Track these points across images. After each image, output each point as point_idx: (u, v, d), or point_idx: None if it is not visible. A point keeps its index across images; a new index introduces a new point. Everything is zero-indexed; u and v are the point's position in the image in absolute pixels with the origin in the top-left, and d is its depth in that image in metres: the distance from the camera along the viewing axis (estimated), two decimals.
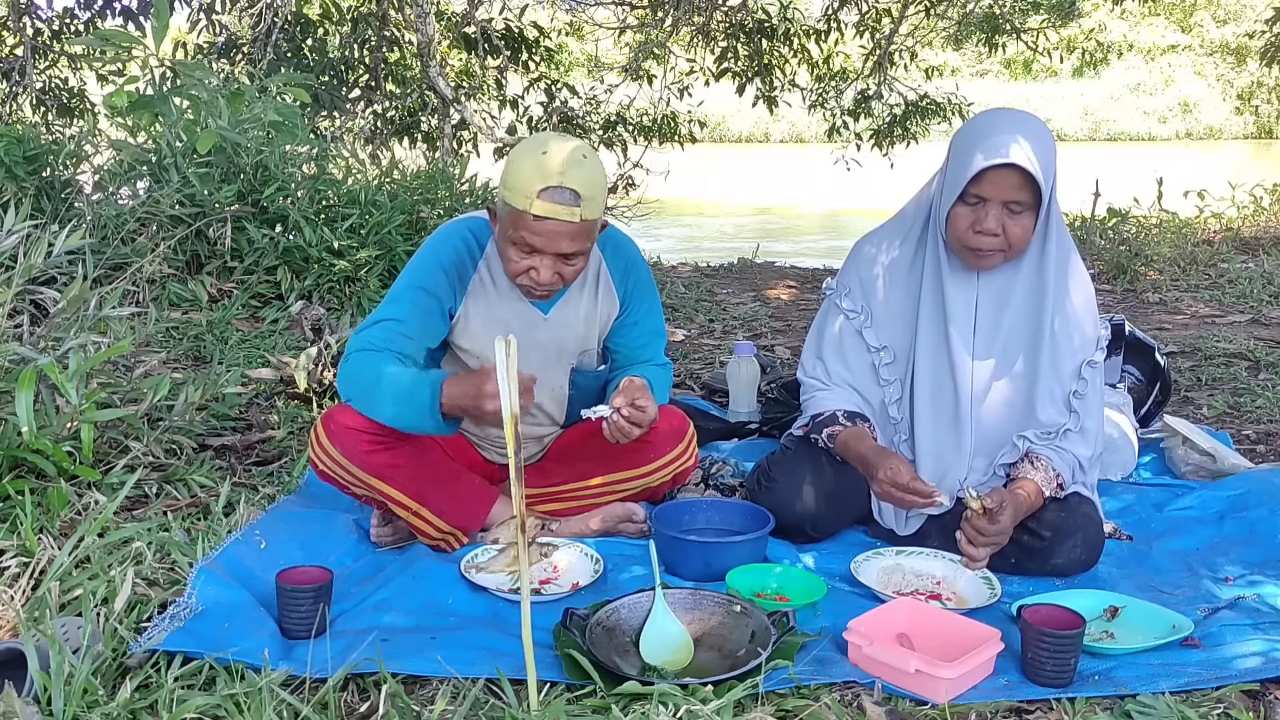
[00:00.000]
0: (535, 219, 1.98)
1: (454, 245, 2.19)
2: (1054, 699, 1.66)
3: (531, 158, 1.99)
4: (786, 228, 12.84)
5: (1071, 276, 2.20)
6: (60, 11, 7.89)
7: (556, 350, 2.28)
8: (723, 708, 1.54)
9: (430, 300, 2.16)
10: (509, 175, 2.02)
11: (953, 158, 2.12)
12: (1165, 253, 6.31)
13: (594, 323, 2.30)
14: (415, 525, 2.19)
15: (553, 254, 2.03)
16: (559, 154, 1.99)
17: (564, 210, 1.97)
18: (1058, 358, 2.18)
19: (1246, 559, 2.26)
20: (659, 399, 2.25)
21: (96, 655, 1.61)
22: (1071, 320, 2.19)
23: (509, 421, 1.52)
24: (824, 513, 2.29)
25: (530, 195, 1.97)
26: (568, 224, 1.99)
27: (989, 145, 2.02)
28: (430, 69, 6.82)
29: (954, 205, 2.09)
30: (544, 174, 1.97)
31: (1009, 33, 9.51)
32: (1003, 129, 2.03)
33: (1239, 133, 29.54)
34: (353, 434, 2.14)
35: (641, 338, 2.36)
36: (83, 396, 2.35)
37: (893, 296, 2.28)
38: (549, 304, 2.24)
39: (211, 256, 4.33)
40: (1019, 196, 2.04)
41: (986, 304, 2.20)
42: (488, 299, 2.21)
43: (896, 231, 2.30)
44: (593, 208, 2.01)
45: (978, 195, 2.05)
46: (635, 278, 2.33)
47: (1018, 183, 2.02)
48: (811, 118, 10.92)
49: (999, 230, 2.06)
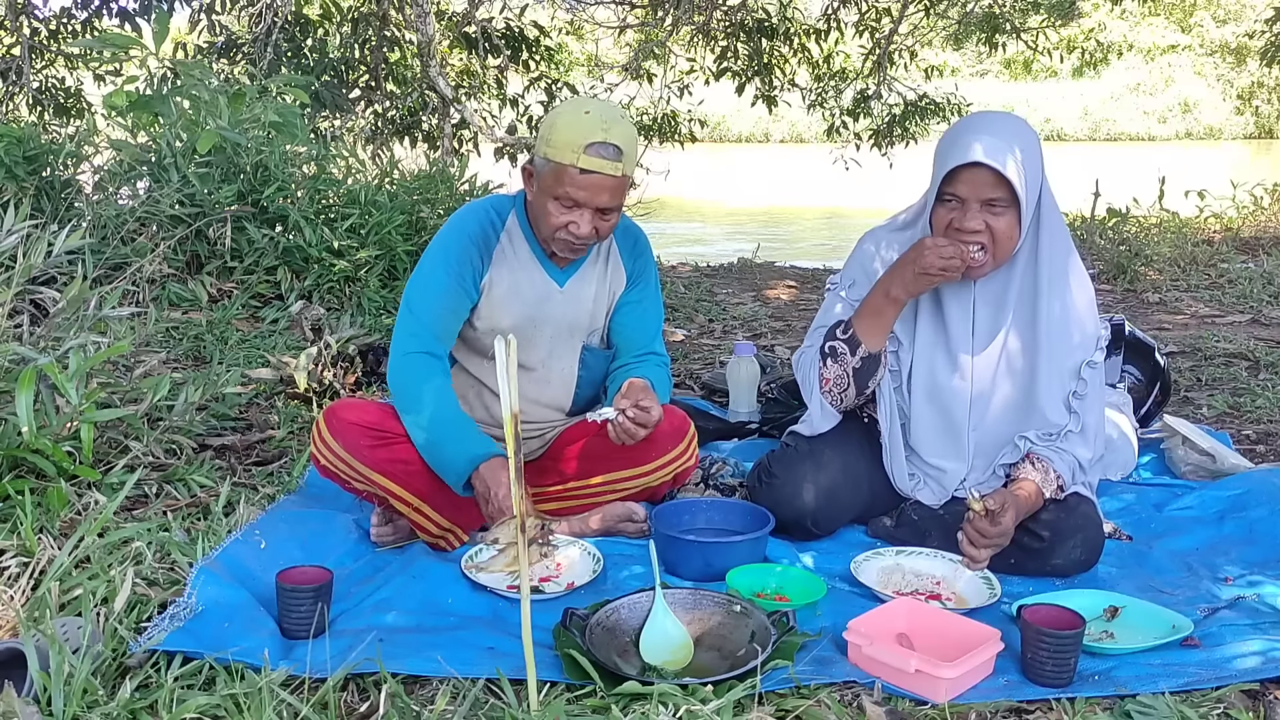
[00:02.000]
0: (581, 173, 2.09)
1: (478, 218, 2.29)
2: (1054, 699, 1.66)
3: (575, 116, 2.11)
4: (786, 227, 12.84)
5: (1070, 276, 2.21)
6: (57, 11, 7.89)
7: (569, 326, 2.33)
8: (723, 708, 1.54)
9: (462, 272, 2.24)
10: (554, 134, 2.11)
11: (934, 161, 2.17)
12: (1165, 253, 6.31)
13: (603, 299, 2.36)
14: (415, 522, 2.19)
15: (593, 208, 2.13)
16: (602, 112, 2.12)
17: (608, 165, 2.09)
18: (1056, 357, 2.19)
19: (1246, 559, 2.26)
20: (661, 398, 2.27)
21: (96, 655, 1.61)
22: (1070, 319, 2.19)
23: (509, 421, 1.52)
24: (825, 509, 2.29)
25: (578, 150, 2.07)
26: (610, 178, 2.10)
27: (959, 145, 2.07)
28: (430, 69, 6.82)
29: (934, 206, 2.13)
30: (589, 130, 2.08)
31: (1009, 32, 9.50)
32: (975, 129, 2.08)
33: (1239, 133, 29.56)
34: (355, 429, 2.16)
35: (643, 320, 2.39)
36: (83, 396, 2.35)
37: None
38: (565, 275, 2.30)
39: (211, 256, 4.33)
40: (995, 194, 2.07)
41: (984, 306, 2.21)
42: (510, 268, 2.28)
43: (898, 232, 2.32)
44: (630, 164, 2.13)
45: (953, 194, 2.10)
46: (642, 256, 2.41)
47: (991, 180, 2.05)
48: (811, 117, 10.92)
49: (981, 227, 2.09)
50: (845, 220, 12.89)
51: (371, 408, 2.25)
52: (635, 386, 2.20)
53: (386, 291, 4.37)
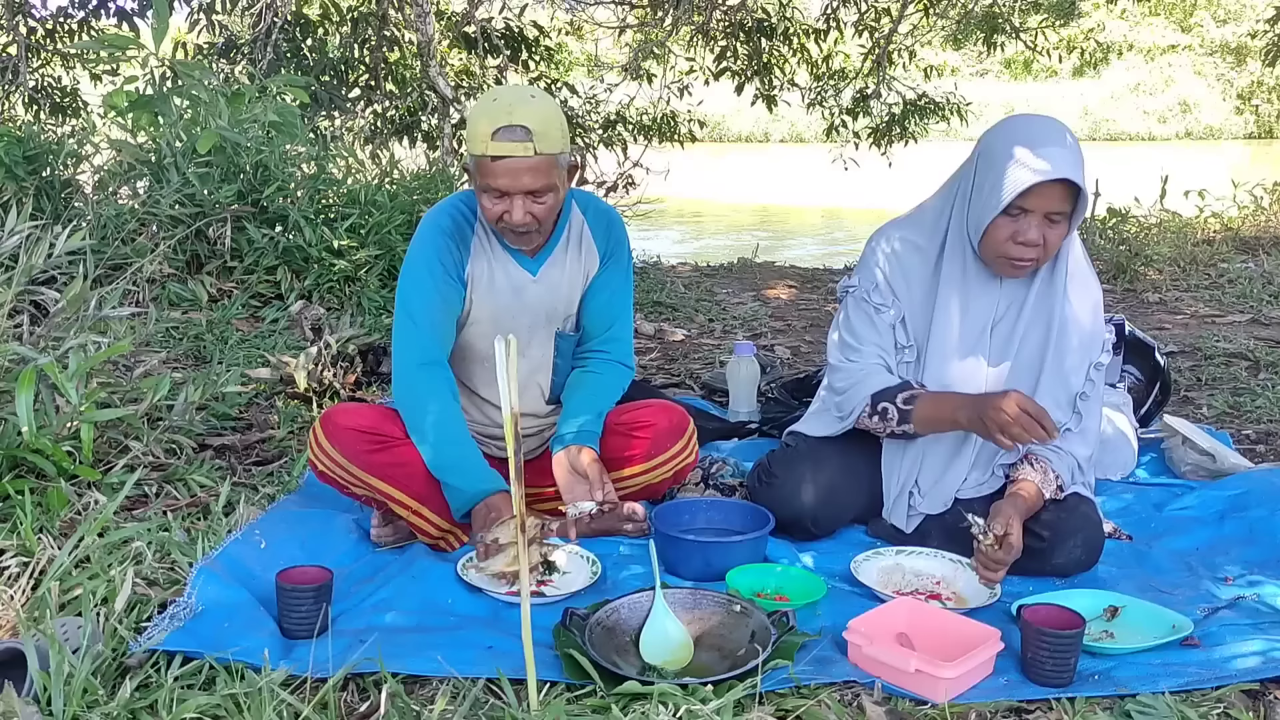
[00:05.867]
0: (493, 160, 2.07)
1: (449, 212, 2.29)
2: (1054, 699, 1.66)
3: (484, 106, 2.10)
4: (786, 227, 12.84)
5: (1085, 279, 2.21)
6: (54, 10, 7.89)
7: (546, 314, 2.33)
8: (723, 708, 1.54)
9: (445, 265, 2.24)
10: (468, 131, 2.13)
11: (990, 168, 2.09)
12: (1165, 253, 6.31)
13: (578, 282, 2.35)
14: (415, 524, 2.19)
15: (520, 193, 2.11)
16: (509, 96, 2.11)
17: (518, 146, 2.06)
18: (1066, 359, 2.18)
19: (1246, 559, 2.26)
20: (609, 403, 2.32)
21: (96, 655, 1.61)
22: (1082, 322, 2.19)
23: (509, 421, 1.52)
24: (824, 509, 2.29)
25: (485, 138, 2.06)
26: (524, 159, 2.07)
27: (1038, 159, 2.00)
28: (430, 69, 6.81)
29: (995, 217, 2.07)
30: (495, 116, 2.06)
31: (1008, 32, 9.49)
32: (1047, 140, 2.03)
33: (1239, 133, 29.53)
34: (352, 434, 2.15)
35: (611, 301, 2.37)
36: (83, 396, 2.35)
37: (913, 294, 2.25)
38: (537, 264, 2.30)
39: (211, 256, 4.33)
40: (1062, 208, 2.04)
41: (1006, 311, 2.20)
42: (486, 260, 2.29)
43: (917, 231, 2.26)
44: (547, 142, 2.08)
45: (1022, 207, 2.04)
46: (615, 237, 2.39)
47: (1063, 195, 2.02)
48: (811, 117, 10.89)
49: (1040, 240, 2.06)
50: (845, 220, 12.88)
51: (368, 411, 2.25)
52: (592, 472, 2.17)
53: (386, 291, 4.37)
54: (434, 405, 2.17)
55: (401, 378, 2.23)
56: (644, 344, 4.32)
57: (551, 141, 2.09)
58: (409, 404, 2.20)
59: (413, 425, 2.19)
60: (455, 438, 2.16)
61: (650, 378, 3.81)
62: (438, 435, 2.15)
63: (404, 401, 2.22)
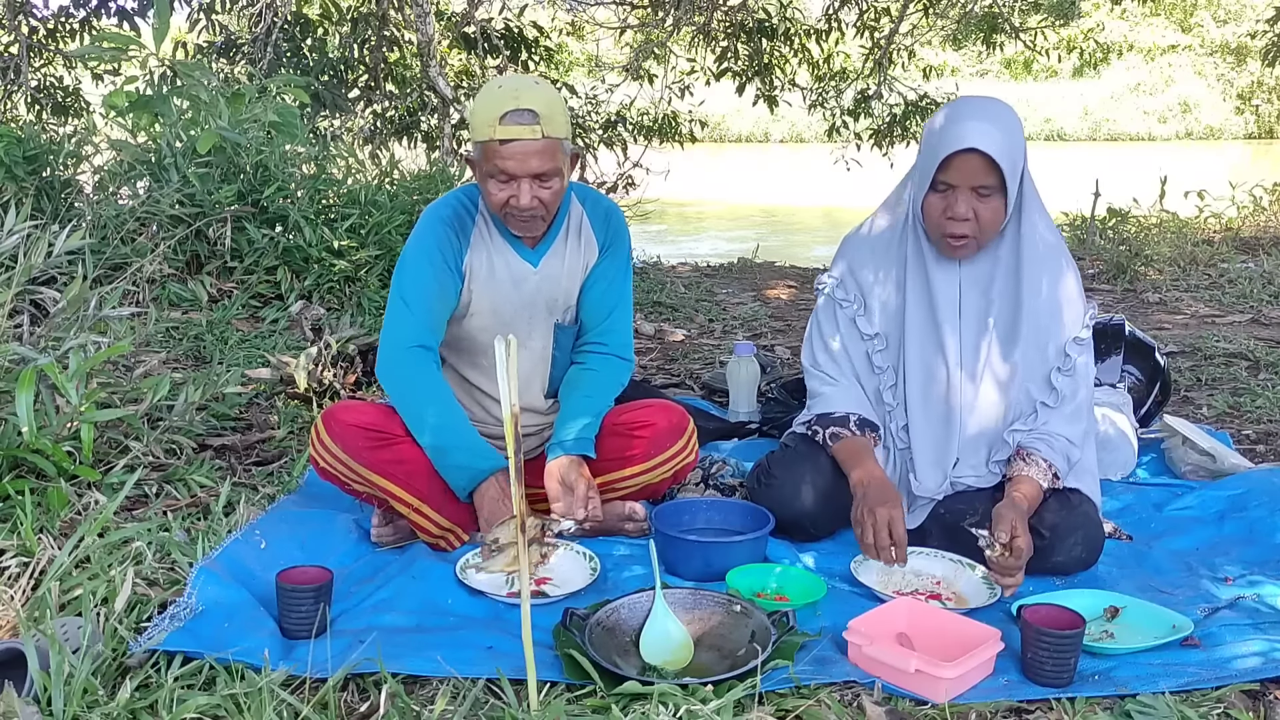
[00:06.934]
0: (501, 143, 2.09)
1: (450, 204, 2.31)
2: (1054, 699, 1.66)
3: (488, 94, 2.13)
4: (786, 227, 12.84)
5: (1054, 256, 2.23)
6: (55, 10, 7.89)
7: (546, 306, 2.33)
8: (723, 708, 1.54)
9: (444, 254, 2.24)
10: (473, 118, 2.14)
11: (922, 148, 2.19)
12: (1165, 253, 6.31)
13: (576, 272, 2.35)
14: (415, 522, 2.19)
15: (526, 177, 2.12)
16: (513, 83, 2.14)
17: (526, 129, 2.08)
18: (1040, 335, 2.21)
19: (1246, 559, 2.26)
20: (607, 402, 2.31)
21: (96, 655, 1.61)
22: (1055, 298, 2.22)
23: (509, 421, 1.52)
24: (824, 510, 2.29)
25: (493, 123, 2.08)
26: (532, 142, 2.09)
27: (951, 132, 2.08)
28: (430, 69, 6.81)
29: (926, 194, 2.15)
30: (501, 102, 2.09)
31: (1007, 32, 9.50)
32: (964, 115, 2.09)
33: (1239, 133, 29.53)
34: (354, 431, 2.16)
35: (608, 296, 2.37)
36: (83, 396, 2.35)
37: (881, 285, 2.32)
38: (538, 255, 2.30)
39: (211, 256, 4.33)
40: (985, 180, 2.08)
41: (970, 289, 2.24)
42: (486, 251, 2.29)
43: (881, 223, 2.35)
44: (553, 125, 2.11)
45: (946, 182, 2.11)
46: (613, 228, 2.40)
47: (982, 167, 2.07)
48: (811, 117, 10.90)
49: (970, 215, 2.11)
50: (845, 220, 12.86)
51: (370, 409, 2.25)
52: (579, 489, 2.14)
53: (386, 291, 4.35)
54: (427, 386, 2.17)
55: (389, 358, 2.22)
56: (644, 344, 4.32)
57: (557, 125, 2.12)
58: (399, 384, 2.20)
59: (404, 406, 2.18)
60: (453, 417, 2.16)
61: (650, 378, 3.82)
62: (437, 416, 2.15)
63: (393, 381, 2.21)
